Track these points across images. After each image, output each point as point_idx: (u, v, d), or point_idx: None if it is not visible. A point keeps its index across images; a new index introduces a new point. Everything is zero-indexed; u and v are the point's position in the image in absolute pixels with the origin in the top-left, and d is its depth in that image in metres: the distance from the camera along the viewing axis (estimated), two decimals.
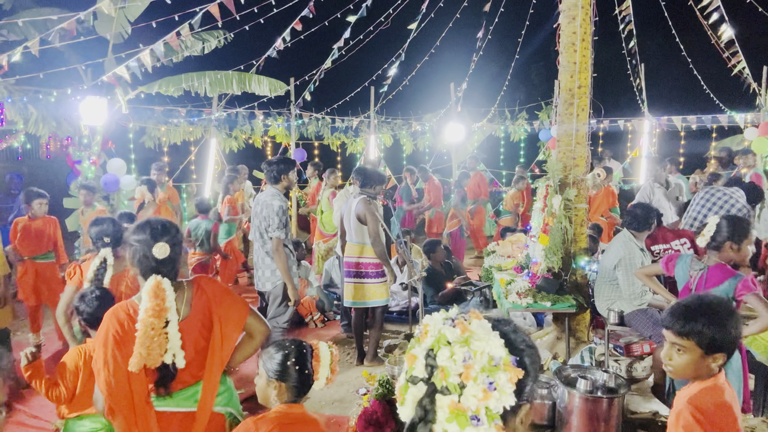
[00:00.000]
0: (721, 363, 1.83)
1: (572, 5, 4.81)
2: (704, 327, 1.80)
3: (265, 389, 2.11)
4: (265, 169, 4.60)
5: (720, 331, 1.80)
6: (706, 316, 1.81)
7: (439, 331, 1.15)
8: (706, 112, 10.86)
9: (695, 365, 1.84)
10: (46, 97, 7.17)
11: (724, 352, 1.82)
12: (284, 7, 7.04)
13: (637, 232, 4.52)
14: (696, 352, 1.83)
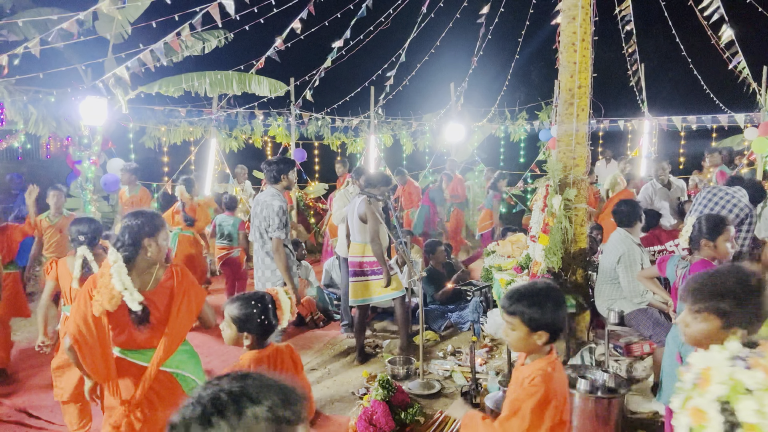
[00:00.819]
0: (545, 340, 2.06)
1: (572, 5, 4.81)
2: (526, 307, 2.05)
3: (236, 339, 2.49)
4: (264, 169, 4.60)
5: (539, 312, 2.04)
6: (529, 299, 2.06)
7: (730, 376, 0.95)
8: (706, 112, 10.86)
9: (524, 341, 2.08)
10: (46, 97, 7.17)
11: (546, 330, 2.05)
12: (284, 7, 7.04)
13: (629, 228, 4.59)
14: (522, 329, 2.07)
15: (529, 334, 2.07)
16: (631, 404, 4.16)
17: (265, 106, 10.37)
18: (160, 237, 2.76)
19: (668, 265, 3.57)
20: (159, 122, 9.48)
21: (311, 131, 11.19)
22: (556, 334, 2.08)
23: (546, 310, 2.05)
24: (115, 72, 6.80)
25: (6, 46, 7.65)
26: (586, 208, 5.04)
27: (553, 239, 4.77)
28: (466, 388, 4.54)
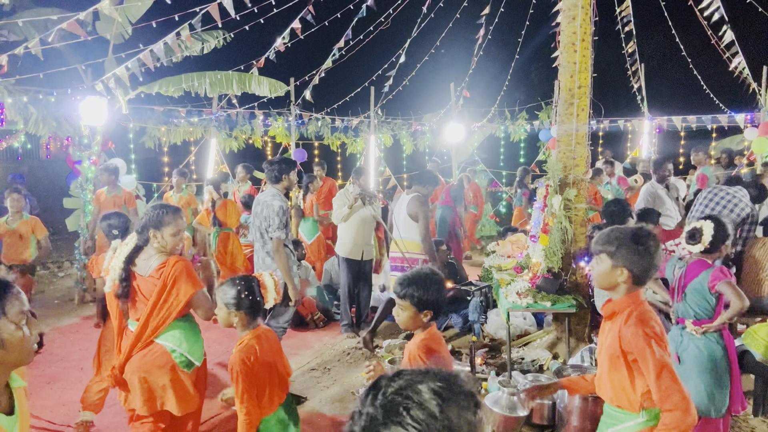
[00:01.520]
0: (429, 318, 2.41)
1: (572, 5, 4.81)
2: (413, 291, 2.36)
3: (227, 318, 2.75)
4: (266, 169, 4.61)
5: (424, 294, 2.36)
6: (416, 283, 2.37)
7: None
8: (706, 112, 10.86)
9: (413, 319, 2.41)
10: (46, 97, 7.17)
11: (431, 309, 2.39)
12: (284, 7, 7.04)
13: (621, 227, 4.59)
14: (411, 309, 2.39)
15: (417, 313, 2.39)
16: None
17: (265, 106, 10.38)
18: (166, 231, 2.97)
19: (667, 266, 3.57)
20: (159, 122, 9.47)
21: (311, 131, 11.18)
22: (439, 311, 2.43)
23: (430, 292, 2.37)
24: (115, 72, 6.80)
25: (6, 46, 7.65)
26: (586, 207, 5.04)
27: (553, 239, 4.77)
28: None
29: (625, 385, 2.13)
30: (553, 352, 5.12)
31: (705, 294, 3.22)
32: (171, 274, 2.93)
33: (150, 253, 3.02)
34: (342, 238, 6.04)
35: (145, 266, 3.00)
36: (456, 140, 11.66)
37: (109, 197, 7.00)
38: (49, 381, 4.82)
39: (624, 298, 2.21)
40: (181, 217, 3.07)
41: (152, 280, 2.97)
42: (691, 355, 3.19)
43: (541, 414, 3.90)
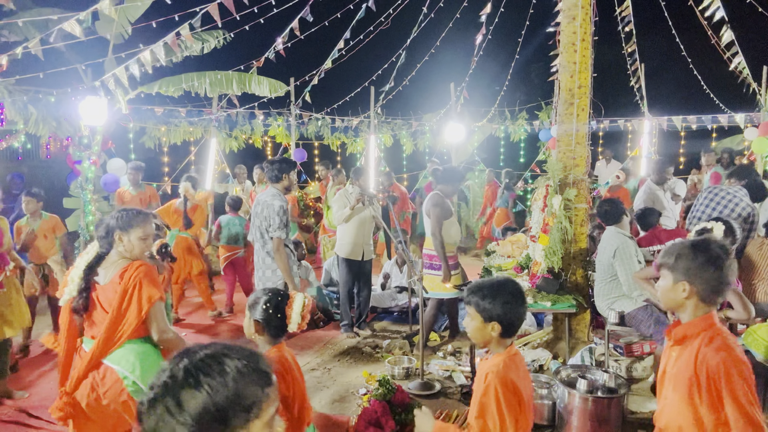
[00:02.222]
0: (498, 332, 2.15)
1: (572, 5, 4.82)
2: (480, 299, 2.16)
3: (249, 327, 2.53)
4: (266, 168, 4.62)
5: (490, 303, 2.14)
6: (484, 291, 2.17)
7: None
8: (706, 112, 10.86)
9: (480, 331, 2.18)
10: (46, 97, 7.16)
11: (499, 322, 2.14)
12: (284, 7, 7.04)
13: (618, 224, 4.62)
14: (477, 318, 2.18)
15: (483, 324, 2.17)
16: (631, 404, 4.16)
17: (265, 106, 10.38)
18: (133, 233, 2.74)
19: None
20: (159, 122, 9.47)
21: (311, 131, 11.19)
22: (510, 327, 2.17)
23: (497, 302, 2.14)
24: (115, 72, 6.80)
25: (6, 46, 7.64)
26: (586, 208, 5.04)
27: (553, 239, 4.77)
28: (466, 389, 4.54)
29: (701, 416, 1.89)
30: (553, 352, 5.12)
31: None
32: (134, 277, 2.66)
33: (112, 259, 2.76)
34: (342, 239, 6.04)
35: (106, 274, 2.75)
36: (456, 140, 11.66)
37: (135, 195, 7.11)
38: (49, 381, 4.82)
39: (697, 320, 1.97)
40: (150, 221, 2.86)
41: (113, 286, 2.69)
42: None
43: (541, 414, 3.90)
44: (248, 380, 1.15)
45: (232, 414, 1.10)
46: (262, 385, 1.17)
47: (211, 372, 1.12)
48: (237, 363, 1.16)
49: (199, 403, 1.08)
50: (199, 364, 1.13)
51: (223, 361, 1.15)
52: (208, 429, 1.08)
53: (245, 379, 1.14)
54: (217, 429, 1.09)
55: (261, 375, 1.18)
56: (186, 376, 1.11)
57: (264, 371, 1.20)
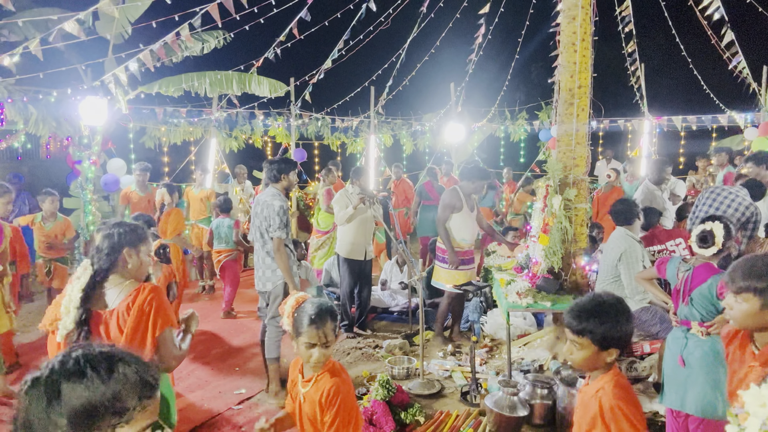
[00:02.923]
0: (614, 357, 1.96)
1: (572, 5, 4.81)
2: (596, 326, 1.95)
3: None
4: (265, 168, 4.62)
5: (611, 329, 1.94)
6: (598, 316, 1.96)
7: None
8: (706, 112, 10.86)
9: (593, 360, 1.99)
10: (46, 97, 7.17)
11: (617, 347, 1.95)
12: (284, 7, 7.04)
13: (629, 226, 4.60)
14: (591, 348, 1.98)
15: (598, 352, 1.97)
16: None
17: (265, 106, 10.38)
18: (142, 249, 2.51)
19: (668, 267, 3.53)
20: (159, 122, 9.48)
21: (311, 131, 11.19)
22: (624, 349, 2.00)
23: (619, 326, 1.93)
24: (115, 72, 6.80)
25: (6, 46, 7.64)
26: (586, 207, 5.04)
27: (553, 239, 4.77)
28: (466, 388, 4.54)
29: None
30: (553, 352, 5.12)
31: (712, 300, 3.19)
32: (148, 301, 2.37)
33: (116, 281, 2.44)
34: (343, 239, 6.04)
35: (113, 298, 2.41)
36: (456, 140, 11.67)
37: (142, 197, 7.11)
38: None
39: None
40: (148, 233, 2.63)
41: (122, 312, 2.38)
42: (697, 358, 3.17)
43: (541, 414, 3.90)
44: (130, 387, 1.17)
45: (102, 412, 1.13)
46: (142, 395, 1.19)
47: (98, 368, 1.15)
48: (127, 368, 1.18)
49: (76, 394, 1.12)
50: (91, 359, 1.17)
51: (115, 362, 1.18)
52: (75, 421, 1.11)
53: (127, 385, 1.17)
54: (84, 424, 1.12)
55: (145, 386, 1.21)
56: (75, 365, 1.15)
57: (149, 383, 1.22)
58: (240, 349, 5.76)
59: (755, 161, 5.65)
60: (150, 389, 1.22)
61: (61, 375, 1.14)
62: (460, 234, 5.39)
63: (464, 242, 5.42)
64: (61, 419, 1.11)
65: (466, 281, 5.41)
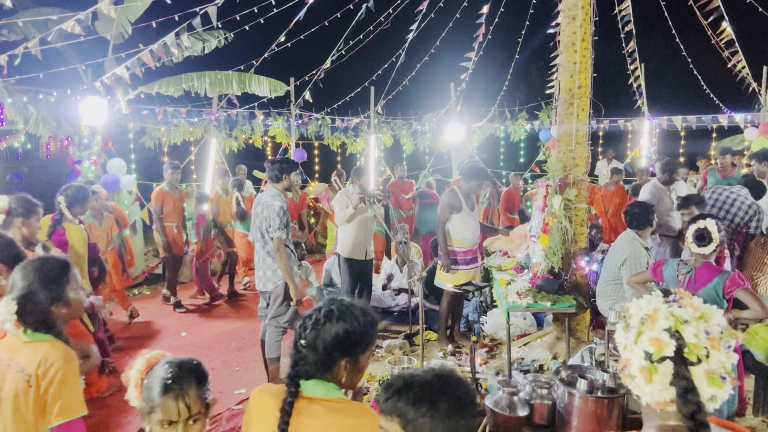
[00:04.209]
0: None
1: (572, 5, 4.81)
2: (409, 404, 1.35)
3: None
4: (267, 167, 4.61)
5: (428, 413, 1.33)
6: (416, 391, 1.37)
7: (671, 313, 1.31)
8: (706, 112, 10.86)
9: None
10: (46, 97, 7.17)
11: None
12: (284, 7, 7.04)
13: (640, 231, 4.52)
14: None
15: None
16: (631, 404, 4.16)
17: (265, 106, 10.37)
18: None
19: (666, 270, 3.51)
20: (159, 122, 9.48)
21: (311, 131, 11.19)
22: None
23: (438, 413, 1.32)
24: (115, 72, 6.80)
25: (6, 46, 7.64)
26: (586, 207, 5.04)
27: (553, 239, 4.77)
28: None
29: None
30: (553, 352, 5.12)
31: (717, 300, 3.18)
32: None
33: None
34: (343, 239, 6.04)
35: None
36: (456, 140, 11.67)
37: (176, 197, 7.07)
38: None
39: None
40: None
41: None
42: None
43: (541, 414, 3.90)
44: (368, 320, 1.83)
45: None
46: (373, 324, 1.84)
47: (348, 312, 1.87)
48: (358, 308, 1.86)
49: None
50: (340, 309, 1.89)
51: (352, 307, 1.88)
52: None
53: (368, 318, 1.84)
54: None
55: (370, 319, 1.86)
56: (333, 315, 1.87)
57: (373, 320, 1.85)
58: (240, 349, 5.76)
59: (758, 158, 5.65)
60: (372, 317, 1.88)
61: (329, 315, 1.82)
62: (462, 233, 5.39)
63: (466, 241, 5.42)
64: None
65: (467, 281, 5.41)
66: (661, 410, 1.35)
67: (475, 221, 5.52)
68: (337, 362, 1.74)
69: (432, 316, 6.13)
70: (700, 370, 1.27)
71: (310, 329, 1.79)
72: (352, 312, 1.80)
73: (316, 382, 1.71)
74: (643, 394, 1.35)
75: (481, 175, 5.47)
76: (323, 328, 1.78)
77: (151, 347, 5.69)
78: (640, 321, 1.34)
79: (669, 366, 1.28)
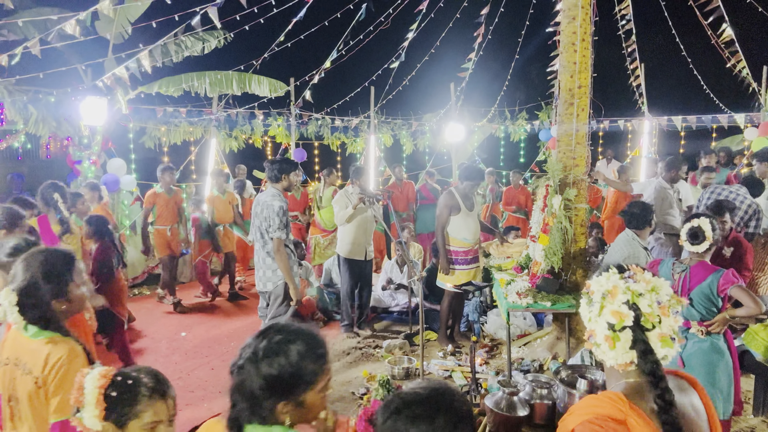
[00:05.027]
0: None
1: (572, 5, 4.81)
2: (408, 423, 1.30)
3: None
4: (266, 167, 4.62)
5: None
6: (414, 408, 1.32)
7: (627, 288, 1.52)
8: (706, 112, 10.85)
9: None
10: (46, 97, 7.17)
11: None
12: (284, 7, 7.05)
13: (638, 231, 4.50)
14: None
15: None
16: None
17: (265, 106, 10.37)
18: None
19: (661, 268, 3.51)
20: (159, 122, 9.48)
21: (311, 131, 11.18)
22: None
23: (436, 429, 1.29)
24: (115, 72, 6.80)
25: (6, 46, 7.64)
26: (586, 207, 5.04)
27: (553, 239, 4.77)
28: (466, 388, 4.54)
29: None
30: (553, 352, 5.12)
31: (713, 298, 3.19)
32: None
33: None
34: (343, 239, 6.04)
35: None
36: (456, 140, 11.66)
37: (170, 198, 6.98)
38: None
39: None
40: None
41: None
42: (698, 359, 3.17)
43: (541, 414, 3.90)
44: (308, 358, 1.52)
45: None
46: (319, 361, 1.55)
47: (280, 351, 1.52)
48: (300, 344, 1.53)
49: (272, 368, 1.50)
50: (274, 345, 1.53)
51: (289, 344, 1.54)
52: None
53: (306, 358, 1.51)
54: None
55: (319, 355, 1.57)
56: (265, 351, 1.52)
57: (320, 353, 1.56)
58: None
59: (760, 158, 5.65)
60: (323, 359, 1.56)
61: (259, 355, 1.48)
62: (461, 234, 5.39)
63: (466, 241, 5.43)
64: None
65: (467, 281, 5.41)
66: (623, 370, 1.53)
67: (475, 221, 5.52)
68: (274, 408, 1.48)
69: (432, 316, 6.13)
70: (655, 334, 1.49)
71: (236, 374, 1.50)
72: (283, 348, 1.47)
73: (254, 427, 1.48)
74: (607, 358, 1.53)
75: (475, 175, 5.47)
76: (247, 373, 1.47)
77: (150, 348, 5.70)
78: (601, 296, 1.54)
79: (629, 333, 1.49)
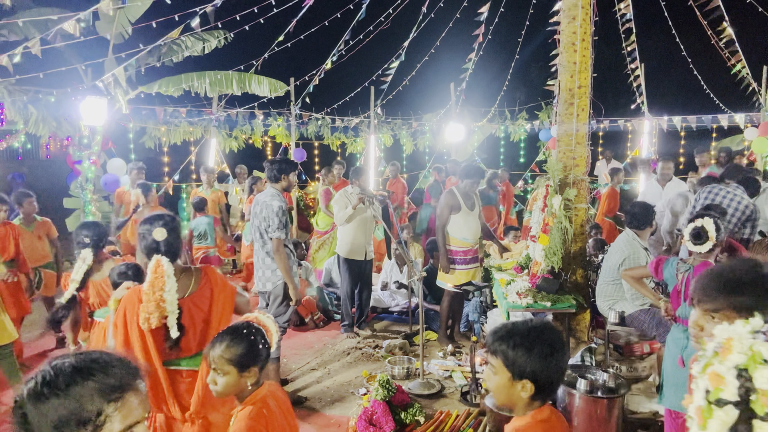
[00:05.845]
0: (530, 394, 1.70)
1: (572, 5, 4.81)
2: (510, 348, 1.70)
3: (237, 384, 2.05)
4: (266, 168, 4.61)
5: (524, 356, 1.68)
6: (516, 337, 1.71)
7: (750, 347, 1.03)
8: (706, 112, 10.85)
9: (505, 390, 1.73)
10: (46, 97, 7.17)
11: (531, 380, 1.69)
12: (284, 7, 7.05)
13: (639, 231, 4.50)
14: (504, 374, 1.72)
15: (511, 381, 1.70)
16: (631, 404, 4.16)
17: (265, 106, 10.38)
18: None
19: (665, 268, 3.50)
20: (159, 122, 9.48)
21: (311, 131, 11.19)
22: (546, 388, 1.71)
23: (533, 355, 1.67)
24: (115, 72, 6.80)
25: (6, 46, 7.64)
26: (586, 207, 5.04)
27: (553, 239, 4.77)
28: (466, 388, 4.54)
29: None
30: None
31: None
32: (218, 284, 2.79)
33: (178, 271, 2.68)
34: (343, 239, 6.04)
35: (186, 285, 2.71)
36: (456, 140, 11.66)
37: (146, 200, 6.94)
38: None
39: None
40: None
41: (201, 297, 2.72)
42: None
43: None
44: (88, 396, 1.19)
45: (66, 424, 1.17)
46: (107, 399, 1.21)
47: (55, 385, 1.18)
48: (83, 378, 1.20)
49: (38, 413, 1.16)
50: (49, 378, 1.19)
51: (73, 375, 1.21)
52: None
53: (85, 396, 1.19)
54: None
55: (107, 390, 1.22)
56: (34, 387, 1.19)
57: (113, 386, 1.22)
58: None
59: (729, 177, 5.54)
60: (115, 391, 1.20)
61: (25, 400, 1.17)
62: (462, 233, 5.40)
63: (466, 241, 5.43)
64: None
65: (467, 281, 5.41)
66: None
67: (476, 221, 5.52)
68: None
69: (432, 316, 6.13)
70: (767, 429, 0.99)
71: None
72: (51, 388, 1.18)
73: None
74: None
75: (474, 173, 5.47)
76: (16, 417, 1.21)
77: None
78: (713, 350, 1.11)
79: (731, 413, 1.02)
